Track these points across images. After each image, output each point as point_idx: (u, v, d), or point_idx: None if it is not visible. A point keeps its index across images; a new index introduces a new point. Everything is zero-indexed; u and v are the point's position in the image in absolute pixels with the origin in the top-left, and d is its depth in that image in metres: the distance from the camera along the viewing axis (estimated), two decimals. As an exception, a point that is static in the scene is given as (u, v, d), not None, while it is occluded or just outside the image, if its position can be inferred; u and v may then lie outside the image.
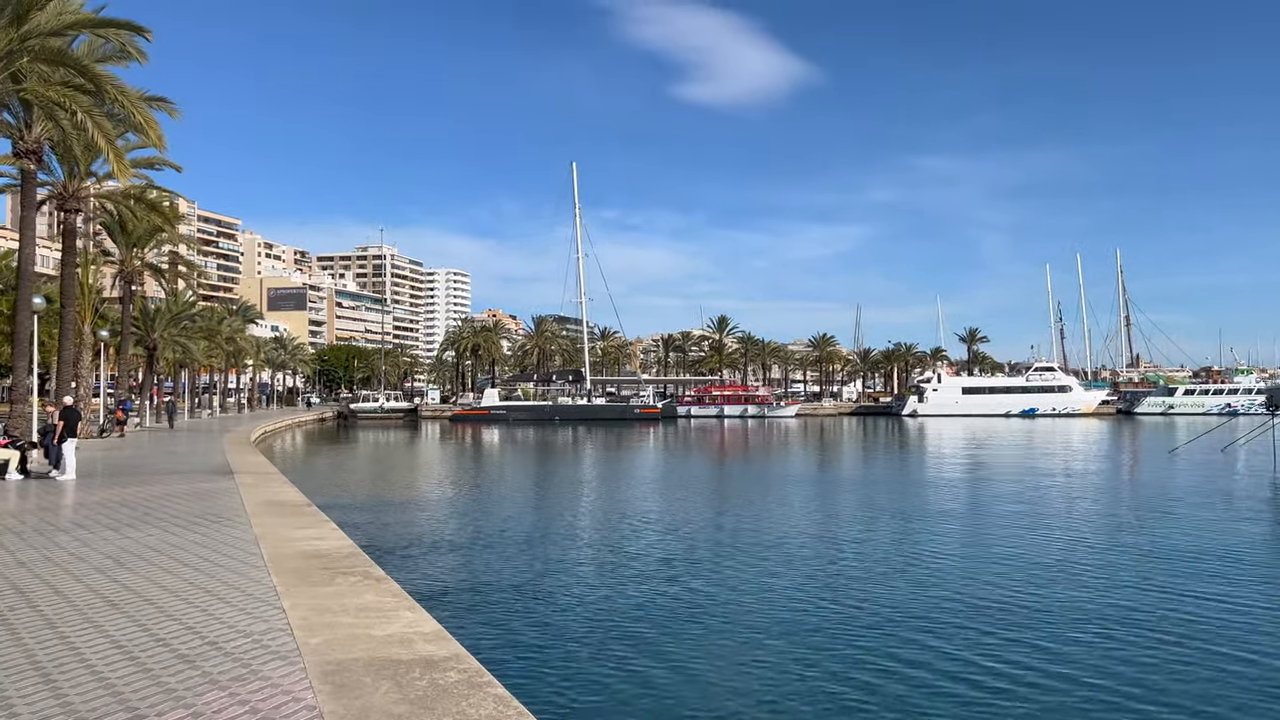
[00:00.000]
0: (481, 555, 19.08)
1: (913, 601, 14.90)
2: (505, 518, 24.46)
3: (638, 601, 14.84)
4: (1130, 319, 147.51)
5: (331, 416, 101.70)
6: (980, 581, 16.37)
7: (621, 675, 11.09)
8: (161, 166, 31.62)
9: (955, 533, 22.16)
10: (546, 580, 16.61)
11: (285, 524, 13.03)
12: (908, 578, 16.81)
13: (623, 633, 12.96)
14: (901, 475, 39.57)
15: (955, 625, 13.30)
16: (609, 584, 16.22)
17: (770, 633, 12.99)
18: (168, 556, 10.23)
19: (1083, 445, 60.39)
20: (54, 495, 16.91)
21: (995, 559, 18.55)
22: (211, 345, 73.39)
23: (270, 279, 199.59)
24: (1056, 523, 23.87)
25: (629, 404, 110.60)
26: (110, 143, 20.63)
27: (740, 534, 22.02)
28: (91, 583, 8.75)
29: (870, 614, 14.04)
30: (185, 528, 12.54)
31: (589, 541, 21.23)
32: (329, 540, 11.53)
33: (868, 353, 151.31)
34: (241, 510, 14.57)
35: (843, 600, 14.99)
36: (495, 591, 15.77)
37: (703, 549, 19.85)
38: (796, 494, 31.16)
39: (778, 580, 16.58)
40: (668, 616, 13.96)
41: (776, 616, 13.93)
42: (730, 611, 14.26)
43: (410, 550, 19.60)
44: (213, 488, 18.23)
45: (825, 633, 13.02)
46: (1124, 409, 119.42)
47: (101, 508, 14.77)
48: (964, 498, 30.01)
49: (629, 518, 24.53)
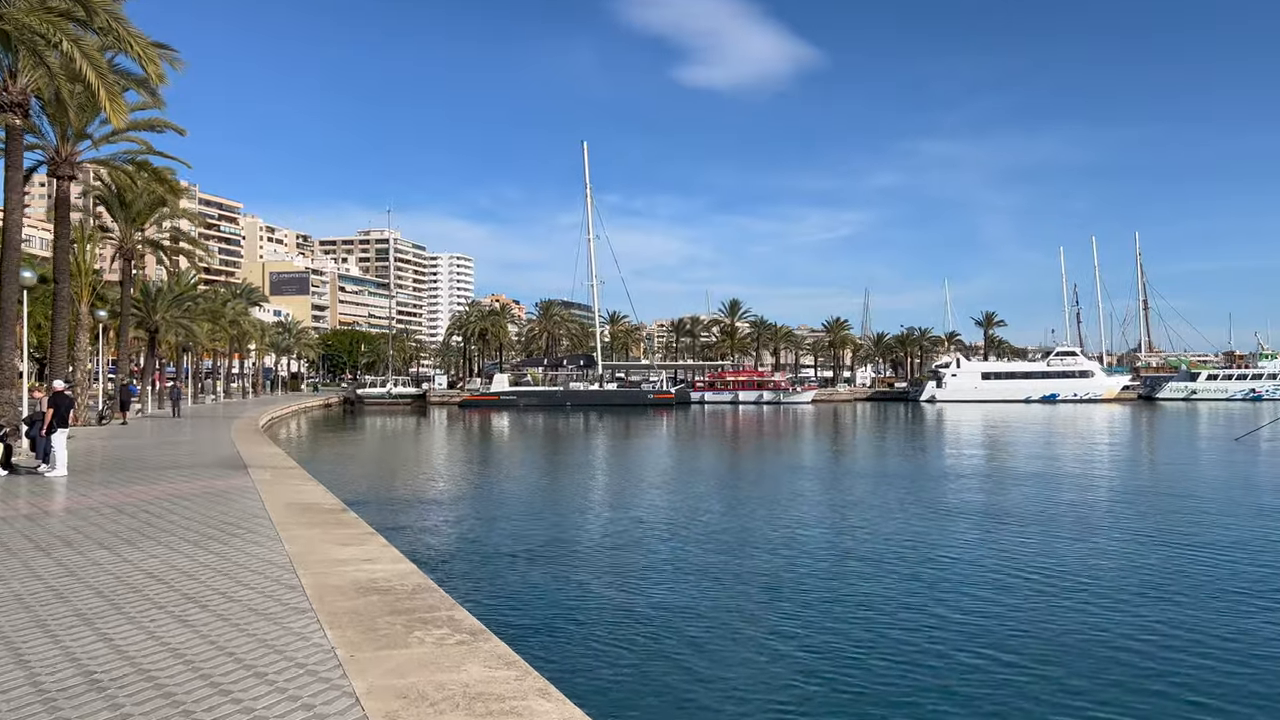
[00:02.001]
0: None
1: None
2: (564, 523, 21.25)
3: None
4: (1148, 303, 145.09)
5: (337, 402, 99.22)
6: (1160, 612, 13.56)
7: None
8: (163, 129, 28.84)
9: (1069, 547, 19.43)
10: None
11: (321, 537, 10.48)
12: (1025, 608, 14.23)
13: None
14: (950, 469, 36.84)
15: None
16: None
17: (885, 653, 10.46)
18: (176, 591, 7.68)
19: (1131, 434, 57.85)
20: (39, 497, 14.37)
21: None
22: (215, 328, 70.74)
23: (272, 263, 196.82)
24: (1196, 530, 20.29)
25: (642, 390, 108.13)
26: (102, 77, 17.82)
27: (792, 536, 19.49)
28: (71, 642, 6.20)
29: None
30: (197, 544, 9.99)
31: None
32: (383, 563, 8.98)
33: (881, 337, 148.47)
34: (264, 516, 12.03)
35: (953, 626, 12.44)
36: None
37: (774, 558, 17.32)
38: (833, 488, 28.54)
39: (849, 591, 14.05)
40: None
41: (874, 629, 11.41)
42: (808, 626, 11.74)
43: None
44: (226, 486, 15.68)
45: (905, 652, 10.50)
46: (1145, 394, 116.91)
47: (94, 515, 12.22)
48: (1041, 498, 27.22)
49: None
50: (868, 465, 36.98)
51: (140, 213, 39.41)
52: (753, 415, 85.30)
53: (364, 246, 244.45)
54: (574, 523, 21.23)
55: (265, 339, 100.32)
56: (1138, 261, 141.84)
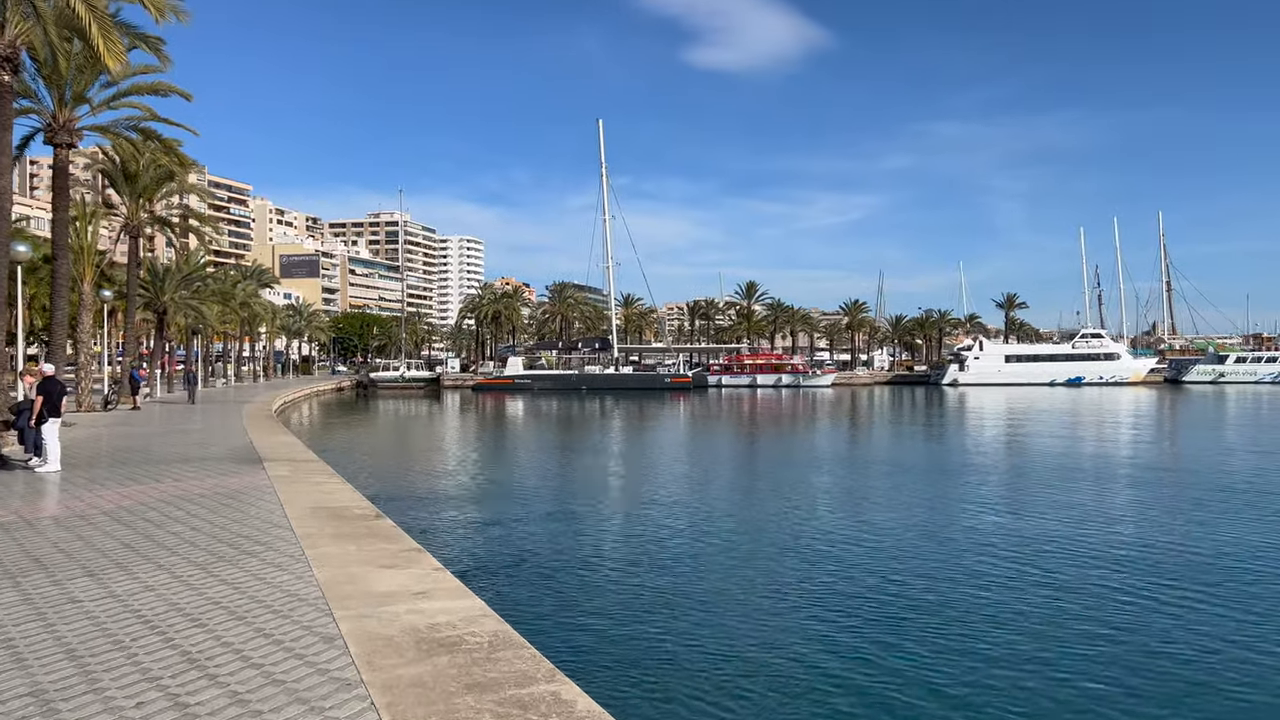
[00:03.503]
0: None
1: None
2: (628, 530, 18.35)
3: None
4: (1171, 285, 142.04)
5: (350, 386, 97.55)
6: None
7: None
8: (168, 92, 26.59)
9: (1196, 565, 17.41)
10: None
11: (357, 554, 8.51)
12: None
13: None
14: (999, 461, 34.76)
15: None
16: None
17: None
18: (175, 648, 5.71)
19: (1179, 417, 55.64)
20: (23, 499, 12.45)
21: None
22: (225, 310, 68.83)
23: (282, 246, 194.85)
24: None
25: (658, 373, 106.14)
26: (93, 10, 15.70)
27: (848, 534, 17.52)
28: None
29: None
30: (204, 567, 8.03)
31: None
32: (441, 597, 6.99)
33: (900, 319, 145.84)
34: (284, 525, 10.07)
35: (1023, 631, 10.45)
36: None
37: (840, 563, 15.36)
38: (873, 479, 26.50)
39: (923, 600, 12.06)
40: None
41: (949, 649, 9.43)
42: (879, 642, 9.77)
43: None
44: (239, 485, 13.75)
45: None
46: (1171, 378, 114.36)
47: (83, 525, 10.28)
48: (1113, 492, 25.24)
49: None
50: (912, 455, 34.90)
51: (147, 187, 37.36)
52: (773, 399, 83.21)
53: (374, 229, 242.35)
54: (636, 530, 19.03)
55: (276, 321, 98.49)
56: (1161, 242, 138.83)
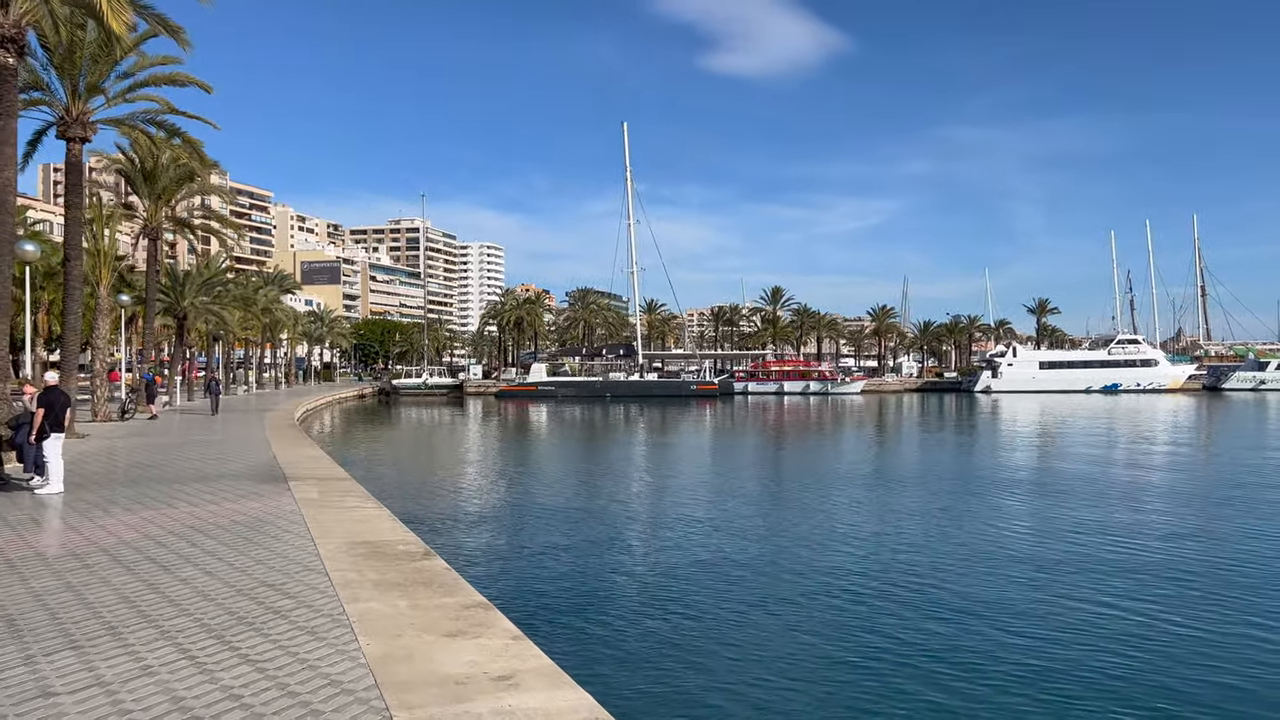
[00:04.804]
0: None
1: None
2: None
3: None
4: (1205, 289, 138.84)
5: (372, 393, 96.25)
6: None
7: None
8: (186, 83, 25.04)
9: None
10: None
11: (411, 615, 6.72)
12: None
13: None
14: (1058, 476, 32.64)
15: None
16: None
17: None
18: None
19: (1228, 428, 53.16)
20: (15, 529, 10.74)
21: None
22: (247, 316, 67.57)
23: (304, 252, 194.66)
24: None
25: (684, 380, 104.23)
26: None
27: (925, 561, 15.58)
28: None
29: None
30: (219, 636, 6.24)
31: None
32: (532, 687, 5.16)
33: (928, 325, 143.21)
34: (317, 568, 8.31)
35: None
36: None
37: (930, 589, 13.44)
38: (943, 498, 24.50)
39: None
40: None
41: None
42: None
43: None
44: (263, 510, 12.00)
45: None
46: (1210, 384, 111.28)
47: (76, 569, 8.54)
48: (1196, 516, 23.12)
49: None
50: (969, 469, 32.81)
51: (167, 188, 35.94)
52: (802, 407, 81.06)
53: (394, 236, 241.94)
54: (726, 567, 17.26)
55: (298, 327, 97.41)
56: (1195, 246, 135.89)
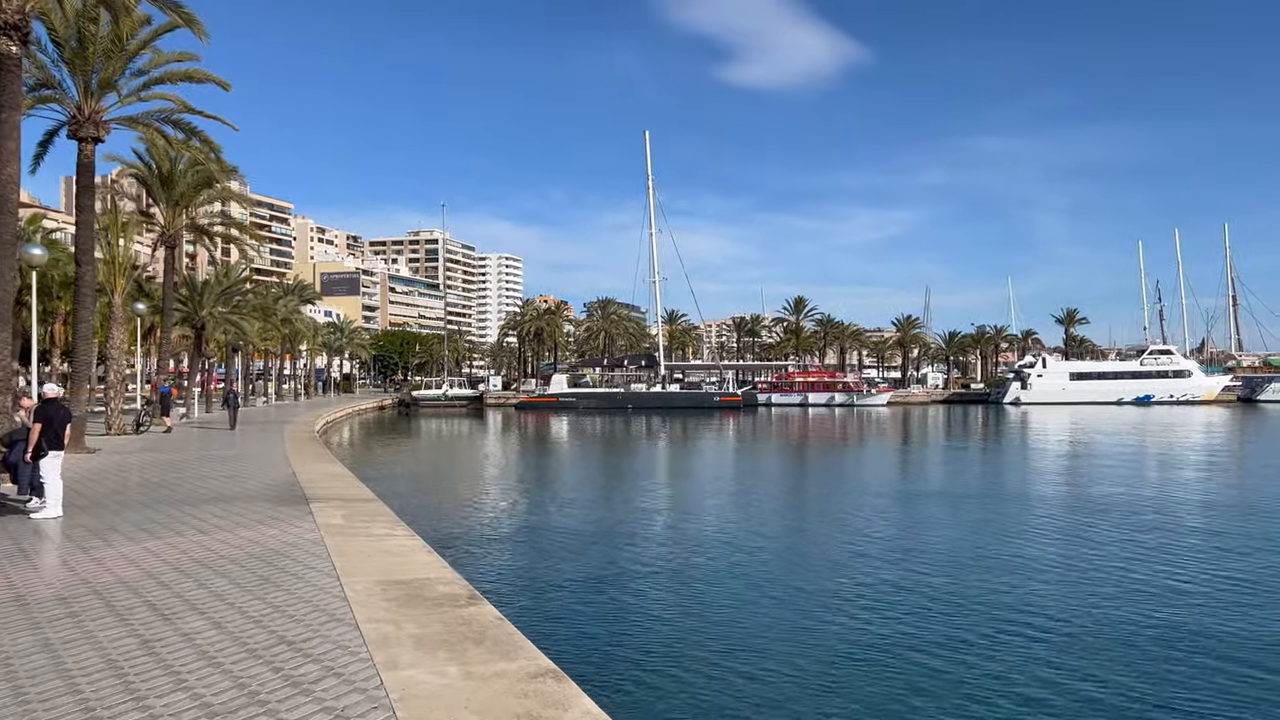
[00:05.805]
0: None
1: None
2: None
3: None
4: (1237, 299, 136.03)
5: (391, 404, 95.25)
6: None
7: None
8: (203, 80, 23.97)
9: None
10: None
11: (464, 690, 5.30)
12: None
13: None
14: (1109, 497, 30.86)
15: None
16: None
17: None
18: None
19: (1272, 443, 51.08)
20: (2, 561, 9.43)
21: None
22: (266, 326, 66.63)
23: (323, 264, 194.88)
24: None
25: (707, 392, 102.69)
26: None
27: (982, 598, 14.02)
28: None
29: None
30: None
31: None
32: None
33: (953, 335, 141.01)
34: (345, 618, 6.91)
35: None
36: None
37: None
38: (974, 516, 22.89)
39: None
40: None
41: None
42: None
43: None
44: (281, 539, 10.63)
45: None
46: (1245, 396, 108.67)
47: (62, 614, 7.17)
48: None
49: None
50: (1017, 489, 31.14)
51: (185, 194, 34.94)
52: (827, 419, 79.31)
53: (413, 247, 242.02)
54: (804, 603, 15.74)
55: (318, 338, 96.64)
56: (1227, 255, 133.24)
